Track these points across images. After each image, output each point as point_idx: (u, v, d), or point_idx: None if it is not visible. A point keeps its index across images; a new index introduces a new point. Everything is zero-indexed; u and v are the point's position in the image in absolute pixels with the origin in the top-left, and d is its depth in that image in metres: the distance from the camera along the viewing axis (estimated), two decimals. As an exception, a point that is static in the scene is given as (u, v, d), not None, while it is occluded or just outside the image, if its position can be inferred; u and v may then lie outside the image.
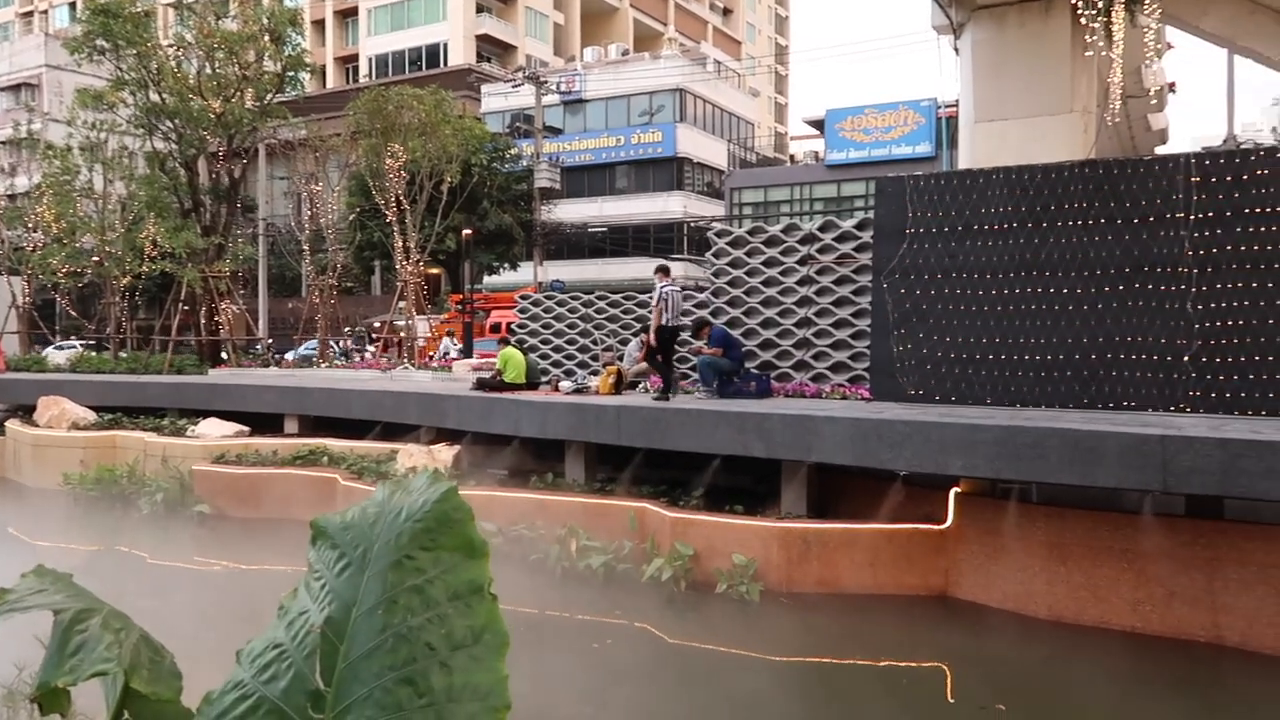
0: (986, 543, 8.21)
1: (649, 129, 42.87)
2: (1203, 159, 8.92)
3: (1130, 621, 7.44)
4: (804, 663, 7.40)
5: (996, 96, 12.79)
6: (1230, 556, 7.13)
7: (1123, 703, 6.49)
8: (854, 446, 8.34)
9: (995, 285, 9.49)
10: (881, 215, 10.33)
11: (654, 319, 10.83)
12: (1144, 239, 8.86)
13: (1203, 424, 7.58)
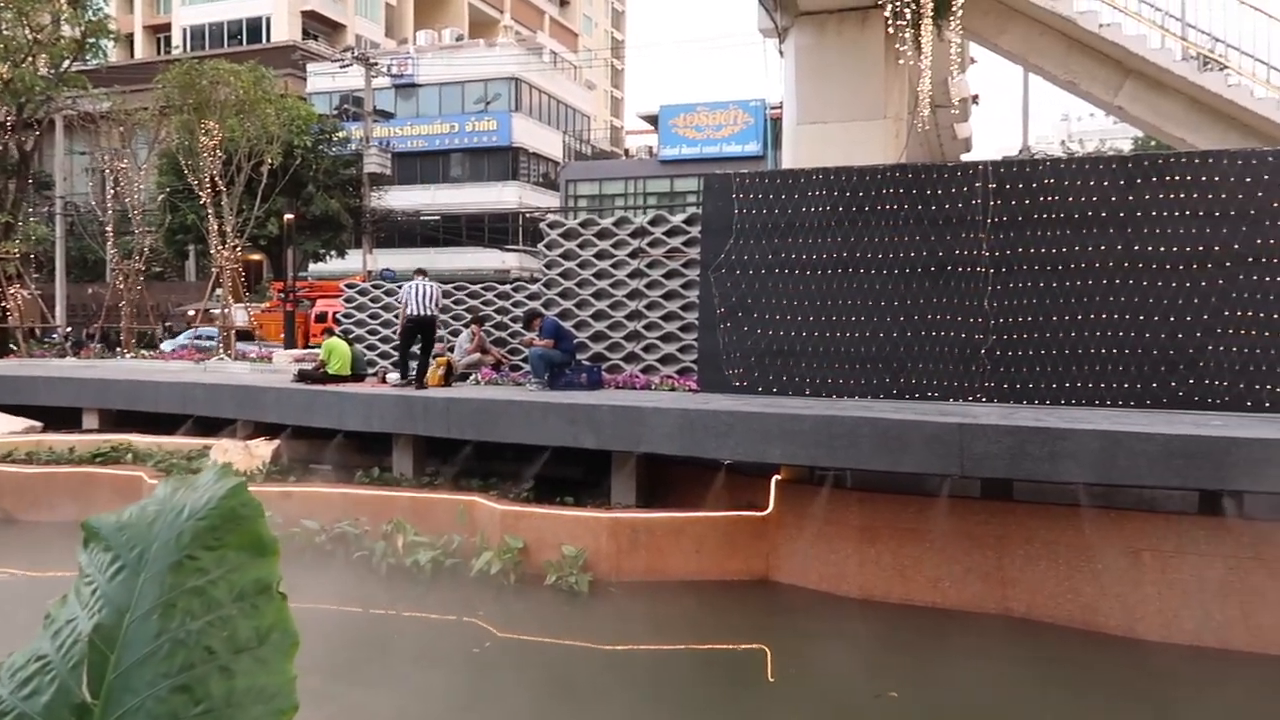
0: (804, 527, 8.58)
1: (484, 117, 42.29)
2: (999, 167, 9.62)
3: (931, 597, 7.97)
4: (632, 650, 7.53)
5: (818, 100, 13.38)
6: (1017, 534, 7.75)
7: (917, 671, 6.94)
8: (681, 437, 8.54)
9: (815, 281, 9.92)
10: (709, 211, 10.61)
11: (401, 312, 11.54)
12: (948, 239, 9.48)
13: (995, 412, 8.21)
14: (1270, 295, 8.43)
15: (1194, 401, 8.53)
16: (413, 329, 11.43)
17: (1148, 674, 6.77)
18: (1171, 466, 6.79)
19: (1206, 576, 7.04)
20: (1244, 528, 7.04)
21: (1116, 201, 8.93)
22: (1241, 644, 6.87)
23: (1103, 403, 8.77)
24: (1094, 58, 12.55)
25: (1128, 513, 7.44)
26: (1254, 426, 7.14)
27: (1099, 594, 7.34)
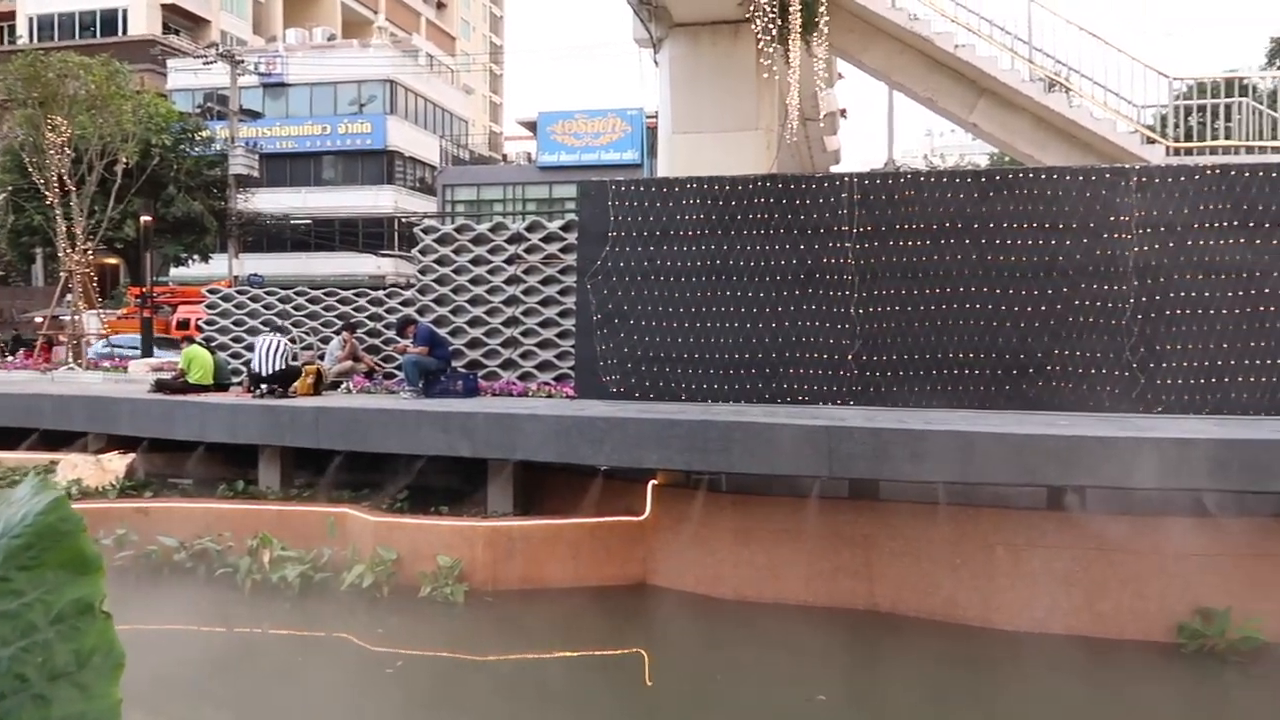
0: (680, 531, 8.69)
1: (358, 119, 41.25)
2: (864, 179, 9.99)
3: (803, 596, 8.19)
4: (508, 660, 7.46)
5: (692, 110, 13.62)
6: (883, 532, 8.05)
7: (791, 669, 7.12)
8: (558, 443, 8.52)
9: (689, 288, 10.07)
10: (585, 218, 10.64)
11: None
12: (816, 248, 9.78)
13: (861, 415, 8.50)
14: (1109, 303, 9.02)
15: (1043, 403, 9.04)
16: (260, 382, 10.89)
17: (1004, 660, 7.13)
18: (1022, 465, 7.18)
19: (1054, 567, 7.47)
20: (1087, 521, 7.51)
21: (971, 213, 9.39)
22: (1085, 629, 7.32)
23: (961, 405, 9.20)
24: (951, 77, 13.20)
25: (984, 509, 7.82)
26: (1095, 426, 7.61)
27: (958, 587, 7.69)
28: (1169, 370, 8.88)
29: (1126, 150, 12.34)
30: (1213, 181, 9.02)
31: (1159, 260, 8.98)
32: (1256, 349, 8.74)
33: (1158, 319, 8.93)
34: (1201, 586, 7.16)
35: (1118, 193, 9.11)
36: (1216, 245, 8.90)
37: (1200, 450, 6.86)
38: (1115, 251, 9.07)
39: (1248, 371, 8.75)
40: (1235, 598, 7.04)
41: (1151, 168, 9.85)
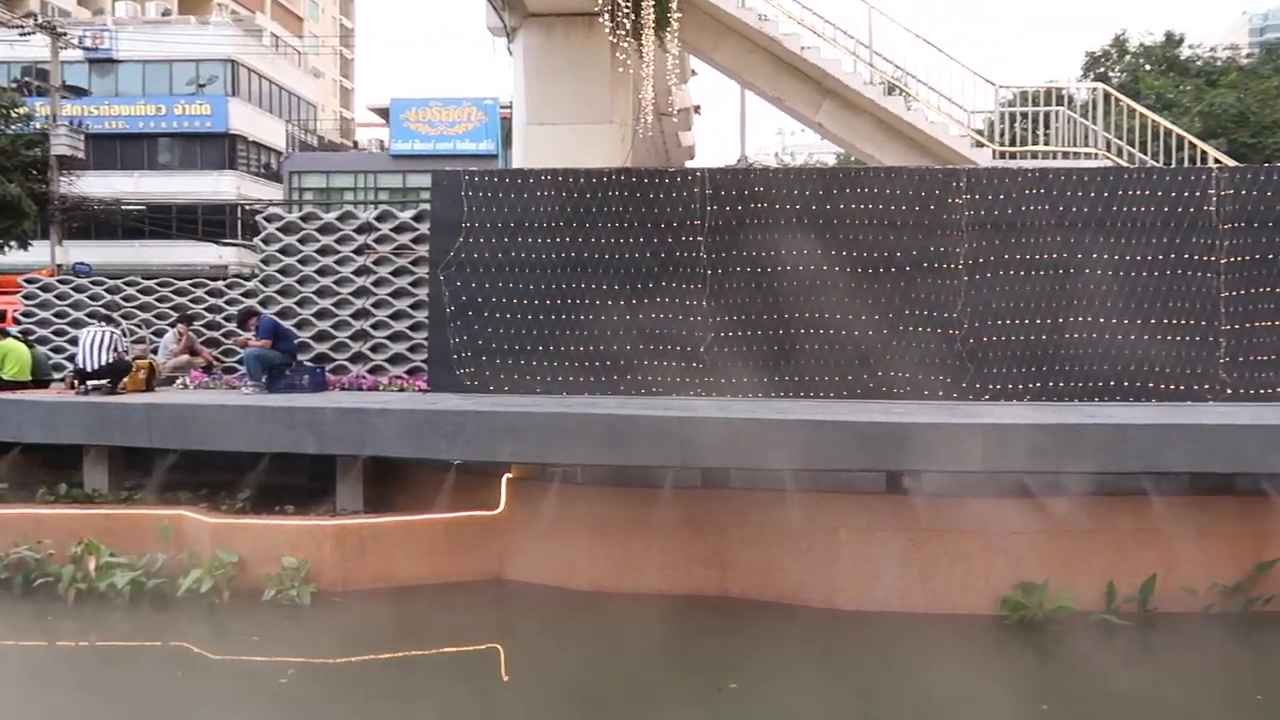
0: (536, 524, 8.66)
1: (196, 100, 39.07)
2: (716, 174, 10.20)
3: (659, 585, 8.31)
4: (359, 661, 7.26)
5: (547, 102, 13.57)
6: (734, 520, 8.27)
7: (649, 656, 7.23)
8: (410, 438, 8.35)
9: (544, 280, 10.04)
10: (438, 208, 10.44)
11: None
12: (669, 242, 9.92)
13: (713, 406, 8.70)
14: (942, 296, 9.54)
15: (883, 392, 9.48)
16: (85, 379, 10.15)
17: (846, 639, 7.45)
18: (862, 451, 7.52)
19: (892, 549, 7.86)
20: (921, 503, 7.93)
21: (817, 210, 9.74)
22: (920, 607, 7.74)
23: (807, 395, 9.54)
24: (798, 77, 13.63)
25: (829, 494, 8.14)
26: (929, 413, 8.04)
27: (804, 571, 7.99)
28: (995, 360, 9.47)
29: (958, 153, 13.07)
30: (1034, 184, 9.66)
31: (986, 256, 9.56)
32: (1072, 340, 9.43)
33: (985, 312, 9.51)
34: (1022, 562, 7.69)
35: (950, 192, 9.64)
36: (1037, 243, 9.54)
37: (1020, 435, 7.35)
38: (947, 248, 9.59)
39: (1064, 361, 9.42)
40: (1051, 572, 7.59)
41: (980, 170, 10.49)
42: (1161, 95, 26.56)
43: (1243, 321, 9.32)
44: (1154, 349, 9.36)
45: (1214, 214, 9.42)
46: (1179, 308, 9.39)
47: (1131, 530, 7.79)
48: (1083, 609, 7.55)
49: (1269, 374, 9.29)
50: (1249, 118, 25.20)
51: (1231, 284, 9.37)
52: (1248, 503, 7.81)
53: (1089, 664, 7.09)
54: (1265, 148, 24.31)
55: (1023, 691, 6.64)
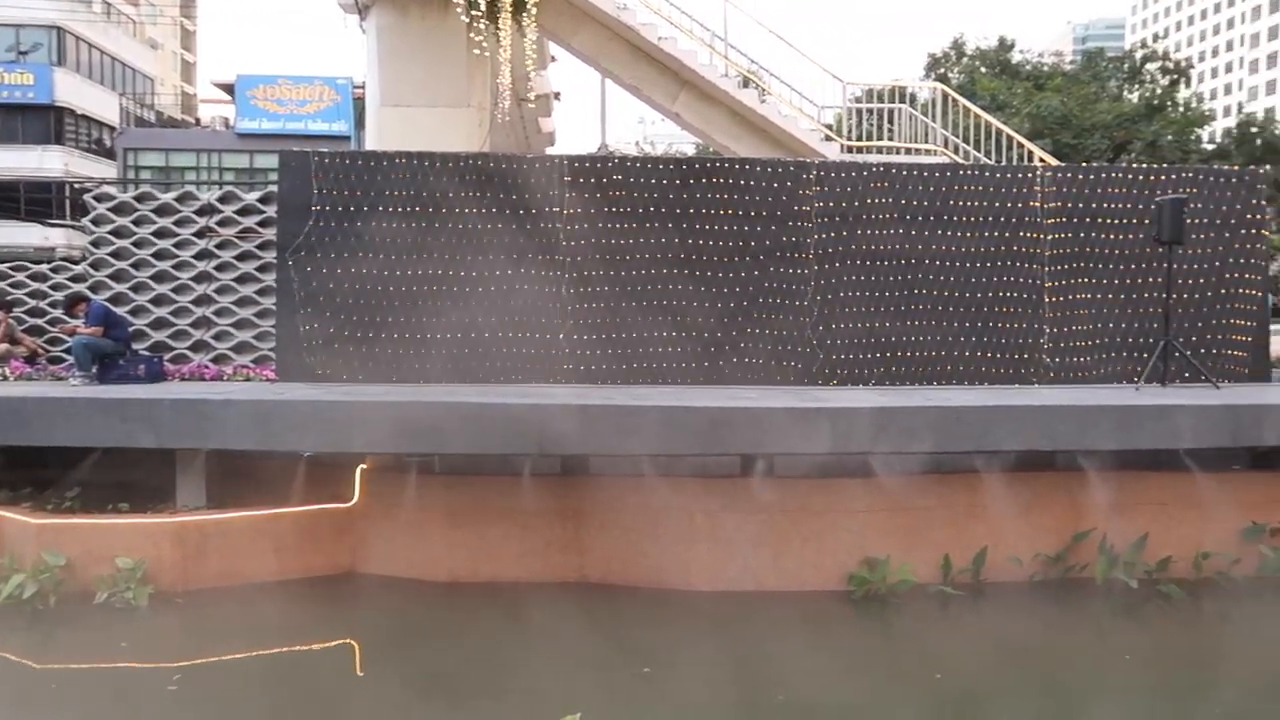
0: (392, 516, 8.49)
1: (17, 69, 36.15)
2: (574, 161, 10.21)
3: (517, 573, 8.29)
4: (202, 664, 6.94)
5: (401, 83, 13.23)
6: (592, 507, 8.32)
7: (506, 643, 7.21)
8: (257, 430, 8.02)
9: (400, 266, 9.82)
10: (286, 190, 10.04)
11: None
12: (528, 229, 9.87)
13: (571, 394, 8.72)
14: (792, 285, 9.86)
15: (736, 378, 9.74)
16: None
17: (702, 618, 7.63)
18: (716, 436, 7.70)
19: (745, 530, 8.10)
20: (773, 485, 8.20)
21: (674, 199, 9.89)
22: (772, 584, 8.02)
23: (664, 382, 9.69)
24: (656, 67, 13.78)
25: (685, 479, 8.30)
26: (779, 398, 8.31)
27: (661, 554, 8.13)
28: (842, 346, 9.88)
29: (809, 146, 13.53)
30: (878, 178, 10.10)
31: (834, 246, 9.94)
32: (912, 327, 9.93)
33: (833, 300, 9.89)
34: (867, 539, 8.07)
35: (801, 184, 9.97)
36: (881, 234, 9.99)
37: (865, 418, 7.70)
38: (798, 238, 9.92)
39: (906, 347, 9.91)
40: (894, 547, 8.00)
41: (829, 163, 10.88)
42: (995, 96, 28.17)
43: (1063, 310, 10.04)
44: (986, 336, 9.97)
45: (1039, 210, 10.10)
46: (1008, 297, 10.04)
47: (965, 506, 8.28)
48: (922, 581, 7.99)
49: (1086, 359, 10.05)
50: (1071, 120, 27.05)
51: (1054, 275, 10.08)
52: (1066, 478, 8.44)
53: (926, 632, 7.51)
54: (1085, 148, 26.16)
55: (867, 659, 6.99)
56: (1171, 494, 8.56)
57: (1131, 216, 10.16)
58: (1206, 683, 7.00)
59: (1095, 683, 6.83)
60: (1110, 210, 10.19)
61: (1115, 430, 7.95)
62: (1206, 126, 32.54)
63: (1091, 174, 10.44)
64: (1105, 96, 29.92)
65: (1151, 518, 8.45)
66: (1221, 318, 10.28)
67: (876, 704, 6.39)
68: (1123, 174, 10.61)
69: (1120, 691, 6.71)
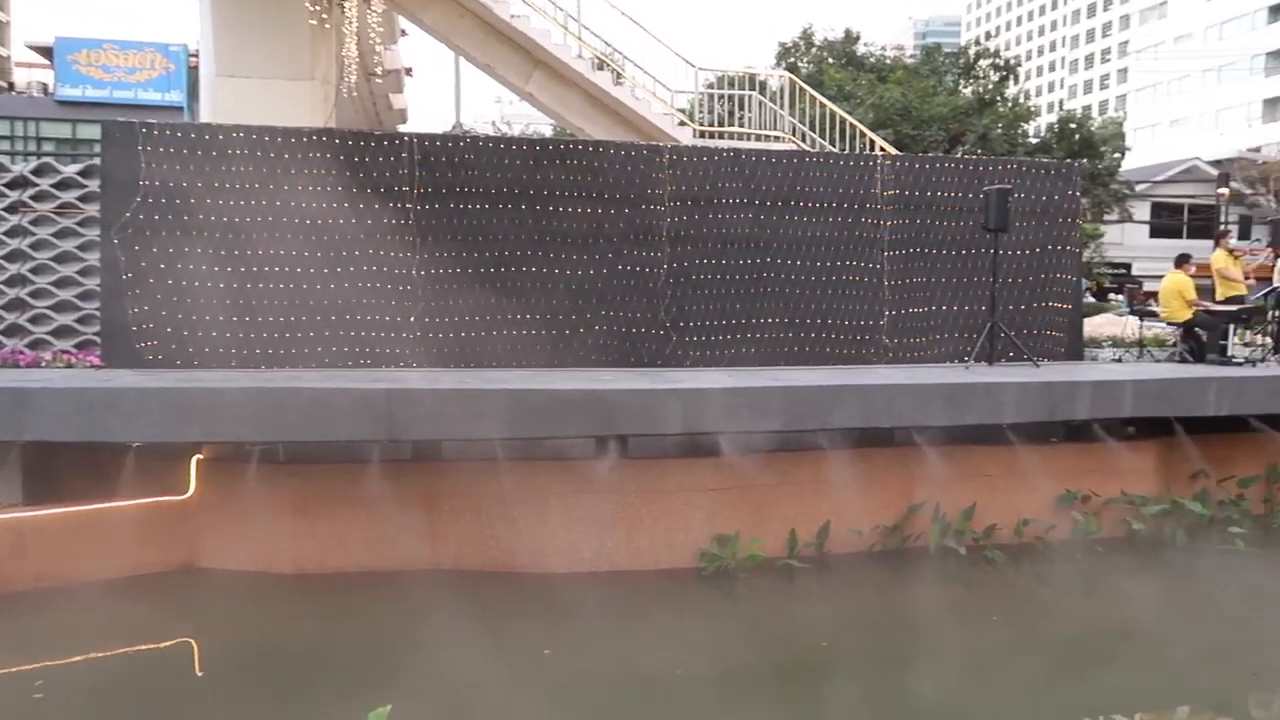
0: (233, 507, 8.13)
1: None
2: (424, 140, 9.97)
3: (367, 562, 8.10)
4: (16, 673, 6.47)
5: (238, 53, 12.55)
6: (445, 492, 8.20)
7: (353, 634, 7.05)
8: (79, 420, 7.48)
9: (238, 245, 9.37)
10: (110, 163, 9.40)
11: None
12: (376, 208, 9.59)
13: (422, 377, 8.56)
14: (646, 268, 9.97)
15: (591, 360, 9.78)
16: None
17: (556, 601, 7.66)
18: (571, 418, 7.71)
19: (600, 511, 8.17)
20: (627, 466, 8.29)
21: (527, 180, 9.82)
22: (626, 564, 8.12)
23: (517, 364, 9.64)
24: (509, 45, 13.59)
25: (539, 462, 8.29)
26: (633, 380, 8.41)
27: (515, 538, 8.10)
28: (695, 329, 10.07)
29: (663, 130, 13.68)
30: (729, 163, 10.32)
31: (687, 230, 10.10)
32: (761, 309, 10.22)
33: (686, 283, 10.06)
34: (717, 517, 8.29)
35: (654, 168, 10.07)
36: (732, 218, 10.22)
37: (715, 398, 7.88)
38: (652, 221, 10.03)
39: (755, 329, 10.20)
40: (742, 524, 8.25)
41: (681, 147, 11.04)
42: (842, 87, 29.20)
43: (901, 294, 10.55)
44: (830, 318, 10.37)
45: (879, 197, 10.55)
46: (851, 281, 10.46)
47: (810, 482, 8.61)
48: (770, 556, 8.28)
49: (921, 340, 10.60)
50: (911, 112, 28.35)
51: (893, 260, 10.57)
52: (903, 453, 8.89)
53: (773, 605, 7.79)
54: (924, 139, 27.49)
55: (716, 633, 7.19)
56: (997, 466, 9.16)
57: (962, 205, 10.76)
58: (1026, 638, 7.57)
59: (929, 643, 7.27)
60: (943, 199, 10.77)
61: (947, 407, 8.44)
62: (1032, 121, 34.71)
63: (927, 164, 10.99)
64: (942, 90, 31.48)
65: (979, 488, 9.02)
66: (1041, 301, 11.05)
67: (725, 677, 6.59)
68: (954, 164, 11.22)
69: (951, 650, 7.16)
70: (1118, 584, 8.80)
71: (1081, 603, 8.43)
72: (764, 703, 6.23)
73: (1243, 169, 35.31)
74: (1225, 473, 9.90)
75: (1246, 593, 8.56)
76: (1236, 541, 9.30)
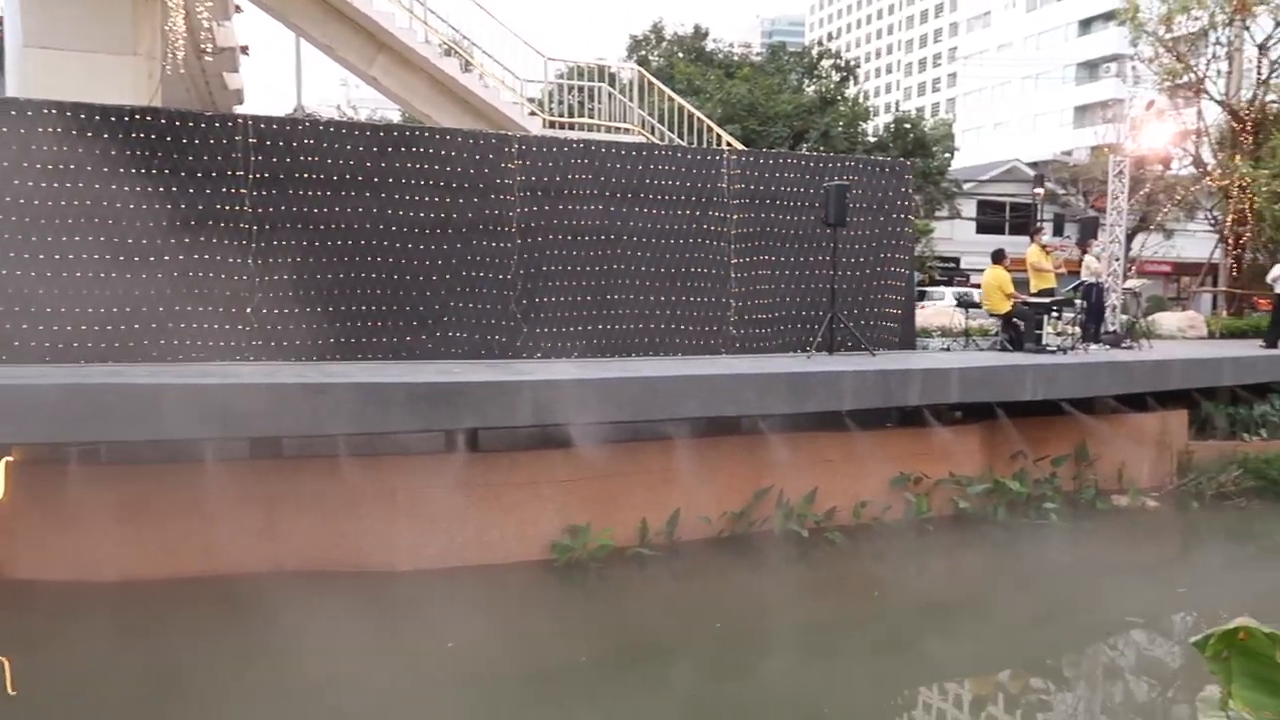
0: (48, 513, 7.56)
1: None
2: (260, 122, 9.49)
3: (204, 566, 7.68)
4: None
5: (50, 23, 11.58)
6: (287, 490, 7.88)
7: (190, 644, 6.69)
8: None
9: (50, 233, 8.66)
10: (-103, 140, 8.51)
11: None
12: (208, 193, 9.08)
13: (260, 371, 8.18)
14: (496, 259, 9.86)
15: (439, 353, 9.60)
16: None
17: (402, 599, 7.50)
18: (419, 411, 7.55)
19: (449, 505, 8.04)
20: (476, 460, 8.20)
21: (371, 167, 9.51)
22: (476, 559, 8.03)
23: (364, 357, 9.35)
24: (351, 27, 13.12)
25: (385, 457, 8.09)
26: (483, 373, 8.31)
27: (361, 536, 7.87)
28: (546, 320, 10.03)
29: (512, 119, 13.53)
30: (580, 154, 10.32)
31: (537, 221, 10.04)
32: (612, 300, 10.28)
33: (536, 274, 10.01)
34: (569, 508, 8.31)
35: (503, 157, 9.95)
36: (582, 209, 10.23)
37: (566, 390, 7.89)
38: (502, 211, 9.92)
39: (605, 320, 10.25)
40: (594, 514, 8.30)
41: (531, 137, 10.96)
42: (692, 81, 29.68)
43: (747, 285, 10.84)
44: (679, 309, 10.54)
45: (725, 190, 10.80)
46: (699, 273, 10.66)
47: (660, 470, 8.75)
48: (621, 545, 8.36)
49: (766, 330, 10.93)
50: (758, 108, 29.12)
51: (739, 253, 10.84)
52: (749, 440, 9.16)
53: (624, 594, 7.89)
54: (770, 135, 28.29)
55: (567, 624, 7.21)
56: (836, 451, 9.56)
57: (804, 200, 11.14)
58: (865, 614, 7.96)
59: (773, 624, 7.53)
60: (786, 193, 11.11)
61: (790, 395, 8.74)
62: (870, 121, 36.30)
63: (771, 159, 11.32)
64: (787, 88, 32.46)
65: (820, 473, 9.40)
66: (877, 293, 11.58)
67: (572, 668, 6.63)
68: (798, 160, 11.60)
69: (794, 628, 7.45)
70: (946, 560, 9.37)
71: (914, 578, 8.93)
72: (611, 692, 6.30)
73: (1056, 171, 38.06)
74: (1041, 453, 10.68)
75: (1058, 563, 9.28)
76: (1050, 516, 10.05)
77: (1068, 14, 64.38)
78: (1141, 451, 11.56)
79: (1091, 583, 8.87)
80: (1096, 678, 7.13)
